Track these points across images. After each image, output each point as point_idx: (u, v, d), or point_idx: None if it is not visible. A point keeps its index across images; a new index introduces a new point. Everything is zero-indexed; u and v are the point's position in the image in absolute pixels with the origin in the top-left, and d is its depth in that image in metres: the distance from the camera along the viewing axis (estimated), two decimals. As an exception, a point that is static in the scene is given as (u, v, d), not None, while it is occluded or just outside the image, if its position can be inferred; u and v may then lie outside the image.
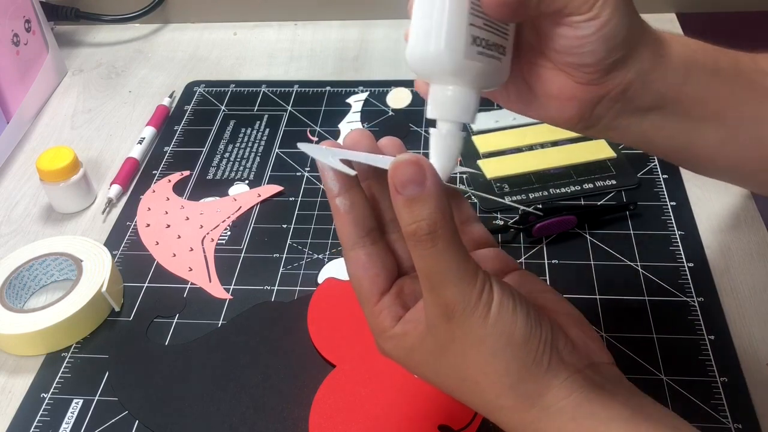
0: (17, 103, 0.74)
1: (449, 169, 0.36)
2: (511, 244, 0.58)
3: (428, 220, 0.32)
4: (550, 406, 0.34)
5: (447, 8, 0.32)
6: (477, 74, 0.34)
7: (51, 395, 0.50)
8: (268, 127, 0.72)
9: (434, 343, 0.35)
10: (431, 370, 0.36)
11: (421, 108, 0.72)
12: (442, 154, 0.36)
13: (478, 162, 0.64)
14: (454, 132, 0.35)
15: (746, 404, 0.46)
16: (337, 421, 0.47)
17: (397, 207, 0.33)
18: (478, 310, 0.33)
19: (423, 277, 0.34)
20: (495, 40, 0.34)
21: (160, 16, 0.89)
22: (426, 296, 0.34)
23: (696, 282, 0.54)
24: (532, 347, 0.34)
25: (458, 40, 0.33)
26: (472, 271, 0.33)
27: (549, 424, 0.34)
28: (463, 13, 0.33)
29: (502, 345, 0.34)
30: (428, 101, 0.35)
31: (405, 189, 0.32)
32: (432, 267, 0.33)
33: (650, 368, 0.48)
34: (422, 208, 0.32)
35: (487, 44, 0.34)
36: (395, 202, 0.33)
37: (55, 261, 0.57)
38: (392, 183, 0.33)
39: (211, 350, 0.52)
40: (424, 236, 0.32)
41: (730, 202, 0.60)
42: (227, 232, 0.62)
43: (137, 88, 0.80)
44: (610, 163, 0.63)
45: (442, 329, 0.34)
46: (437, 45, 0.33)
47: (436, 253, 0.33)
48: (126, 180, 0.67)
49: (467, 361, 0.34)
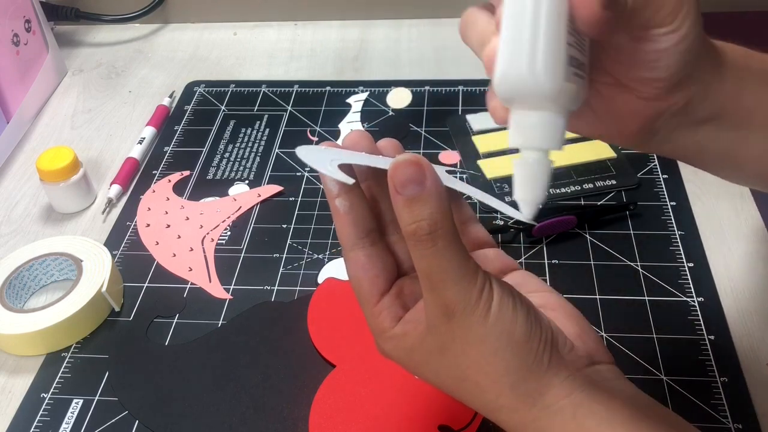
0: (17, 103, 0.74)
1: (539, 200, 0.33)
2: (511, 244, 0.58)
3: (428, 220, 0.32)
4: (550, 405, 0.34)
5: (544, 26, 0.29)
6: (570, 97, 0.31)
7: (51, 395, 0.50)
8: (268, 127, 0.72)
9: (434, 343, 0.35)
10: (431, 370, 0.36)
11: (421, 108, 0.72)
12: (530, 184, 0.32)
13: (478, 162, 0.64)
14: (542, 160, 0.32)
15: (746, 404, 0.46)
16: (337, 421, 0.47)
17: (397, 207, 0.33)
18: (479, 309, 0.33)
19: (423, 277, 0.34)
20: (581, 58, 0.32)
21: (160, 16, 0.89)
22: (426, 296, 0.34)
23: (696, 282, 0.54)
24: (533, 346, 0.34)
25: (558, 62, 0.30)
26: (473, 270, 0.33)
27: (550, 423, 0.34)
28: (561, 31, 0.29)
29: (503, 344, 0.34)
30: (511, 128, 0.32)
31: (405, 189, 0.32)
32: (432, 267, 0.33)
33: (650, 368, 0.48)
34: (422, 207, 0.32)
35: (578, 64, 0.31)
36: (395, 203, 0.33)
37: (55, 261, 0.57)
38: (392, 183, 0.33)
39: (211, 350, 0.52)
40: (424, 236, 0.32)
41: (730, 202, 0.60)
42: (227, 232, 0.62)
43: (137, 88, 0.80)
44: (610, 163, 0.63)
45: (442, 329, 0.34)
46: (536, 67, 0.29)
47: (437, 252, 0.33)
48: (126, 180, 0.67)
49: (468, 360, 0.34)
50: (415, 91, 0.75)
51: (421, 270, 0.33)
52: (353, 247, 0.37)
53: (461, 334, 0.34)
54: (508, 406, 0.34)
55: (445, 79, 0.75)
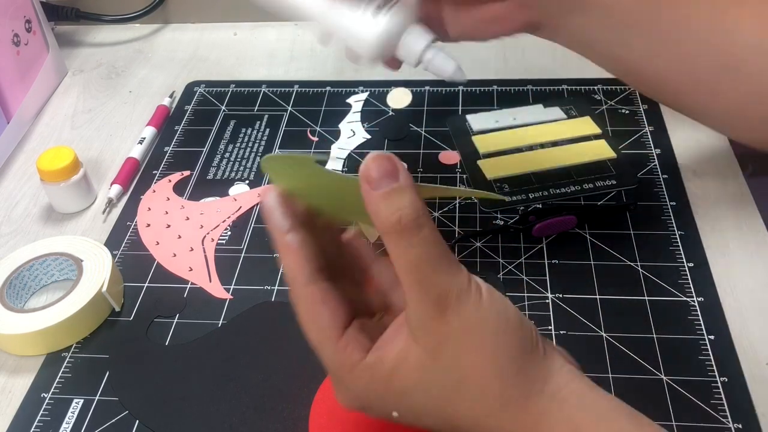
0: (17, 103, 0.74)
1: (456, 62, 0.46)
2: (511, 244, 0.58)
3: (410, 207, 0.32)
4: (555, 394, 0.33)
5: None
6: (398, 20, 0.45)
7: (51, 395, 0.50)
8: (268, 127, 0.72)
9: (424, 350, 0.33)
10: (421, 389, 0.34)
11: (421, 108, 0.72)
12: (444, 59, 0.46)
13: (478, 162, 0.64)
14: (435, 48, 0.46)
15: (746, 404, 0.46)
16: (337, 421, 0.47)
17: (373, 203, 0.32)
18: (472, 293, 0.33)
19: (409, 272, 0.32)
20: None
21: (160, 17, 0.89)
22: (412, 295, 0.33)
23: (696, 282, 0.54)
24: (527, 332, 0.34)
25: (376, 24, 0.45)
26: (455, 258, 0.33)
27: (558, 416, 0.33)
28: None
29: (503, 325, 0.33)
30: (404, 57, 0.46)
31: (380, 184, 0.32)
32: (421, 256, 0.32)
33: (650, 368, 0.48)
34: (401, 197, 0.32)
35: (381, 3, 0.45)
36: (370, 200, 0.32)
37: (56, 261, 0.57)
38: (365, 181, 0.32)
39: (211, 350, 0.52)
40: (410, 222, 0.31)
41: (730, 203, 0.60)
42: (227, 232, 0.62)
43: (137, 88, 0.80)
44: (610, 164, 0.63)
45: (434, 327, 0.33)
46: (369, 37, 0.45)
47: (423, 240, 0.32)
48: (126, 180, 0.67)
49: (467, 354, 0.33)
50: (415, 91, 0.75)
51: (407, 263, 0.32)
52: (308, 283, 0.35)
53: (458, 324, 0.32)
54: (516, 399, 0.33)
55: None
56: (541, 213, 0.58)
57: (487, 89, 0.74)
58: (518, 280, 0.55)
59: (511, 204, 0.61)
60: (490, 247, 0.58)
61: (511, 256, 0.57)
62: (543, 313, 0.52)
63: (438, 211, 0.61)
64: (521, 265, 0.56)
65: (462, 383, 0.34)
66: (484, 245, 0.58)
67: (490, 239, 0.58)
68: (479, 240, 0.58)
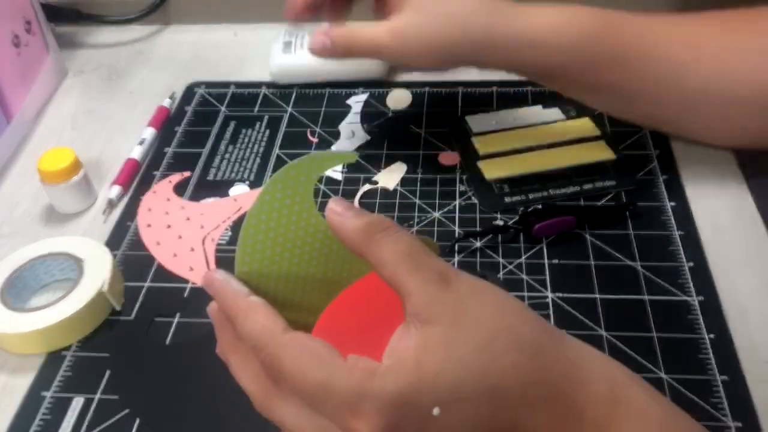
0: (18, 104, 0.74)
1: None
2: (511, 244, 0.58)
3: (378, 215, 0.36)
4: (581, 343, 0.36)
5: None
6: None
7: (52, 394, 0.50)
8: (268, 128, 0.72)
9: (442, 327, 0.33)
10: (454, 361, 0.32)
11: (420, 109, 0.72)
12: None
13: (477, 163, 0.65)
14: None
15: (746, 403, 0.46)
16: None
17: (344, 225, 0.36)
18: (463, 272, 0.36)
19: (404, 261, 0.35)
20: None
21: (160, 18, 0.89)
22: (414, 281, 0.34)
23: (696, 282, 0.54)
24: None
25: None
26: None
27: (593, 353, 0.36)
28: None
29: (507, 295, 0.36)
30: None
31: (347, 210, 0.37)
32: (411, 243, 0.35)
33: (650, 367, 0.48)
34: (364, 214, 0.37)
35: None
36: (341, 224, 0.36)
37: (56, 261, 0.57)
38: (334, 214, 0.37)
39: (211, 349, 0.52)
40: (387, 222, 0.36)
41: (730, 202, 0.60)
42: (228, 233, 0.62)
43: (138, 89, 0.80)
44: (610, 164, 0.64)
45: (445, 300, 0.34)
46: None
47: (403, 232, 0.35)
48: (127, 181, 0.67)
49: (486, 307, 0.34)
50: (414, 92, 0.75)
51: (401, 253, 0.35)
52: (286, 330, 0.36)
53: (466, 287, 0.35)
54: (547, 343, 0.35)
55: (444, 81, 0.75)
56: (541, 213, 0.58)
57: (487, 90, 0.74)
58: (518, 279, 0.55)
59: (511, 204, 0.61)
60: (490, 247, 0.58)
61: (511, 256, 0.57)
62: (543, 313, 0.52)
63: (438, 212, 0.61)
64: (521, 265, 0.56)
65: (493, 336, 0.33)
66: (484, 245, 0.58)
67: (490, 239, 0.58)
68: (479, 240, 0.58)
